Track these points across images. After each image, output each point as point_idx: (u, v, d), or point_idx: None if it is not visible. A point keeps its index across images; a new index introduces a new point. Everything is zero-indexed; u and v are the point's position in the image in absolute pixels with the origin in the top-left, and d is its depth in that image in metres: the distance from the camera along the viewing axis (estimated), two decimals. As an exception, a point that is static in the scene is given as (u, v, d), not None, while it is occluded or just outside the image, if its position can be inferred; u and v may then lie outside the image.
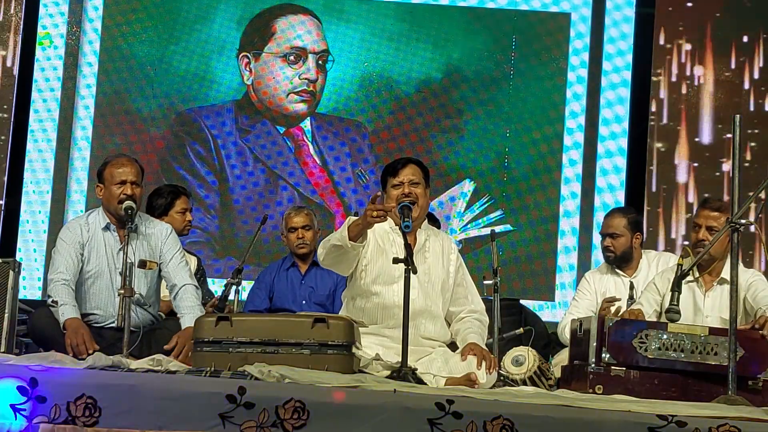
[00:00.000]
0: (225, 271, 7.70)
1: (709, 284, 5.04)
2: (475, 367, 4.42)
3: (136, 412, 3.35)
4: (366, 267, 4.71)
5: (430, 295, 4.71)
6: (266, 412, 3.34)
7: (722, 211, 4.98)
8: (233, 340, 4.01)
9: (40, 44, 8.06)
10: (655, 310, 5.04)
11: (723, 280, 5.01)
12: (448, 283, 4.82)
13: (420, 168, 4.77)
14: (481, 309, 4.87)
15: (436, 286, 4.74)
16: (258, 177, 8.07)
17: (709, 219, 5.00)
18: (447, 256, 4.85)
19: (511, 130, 8.15)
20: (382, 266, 4.69)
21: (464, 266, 4.95)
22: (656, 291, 5.09)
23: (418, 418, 3.35)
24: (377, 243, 4.73)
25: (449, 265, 4.84)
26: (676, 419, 3.37)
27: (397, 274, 4.59)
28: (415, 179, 4.69)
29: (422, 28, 8.23)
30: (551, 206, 8.05)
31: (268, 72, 8.20)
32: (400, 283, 4.50)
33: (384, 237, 4.75)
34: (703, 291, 5.03)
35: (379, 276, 4.69)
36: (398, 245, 4.65)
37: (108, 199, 5.01)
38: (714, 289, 5.03)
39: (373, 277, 4.70)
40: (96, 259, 4.98)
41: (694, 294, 5.01)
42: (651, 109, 8.04)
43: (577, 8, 8.20)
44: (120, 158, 5.12)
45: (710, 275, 5.04)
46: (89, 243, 4.99)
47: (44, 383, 3.35)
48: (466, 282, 4.90)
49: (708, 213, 5.02)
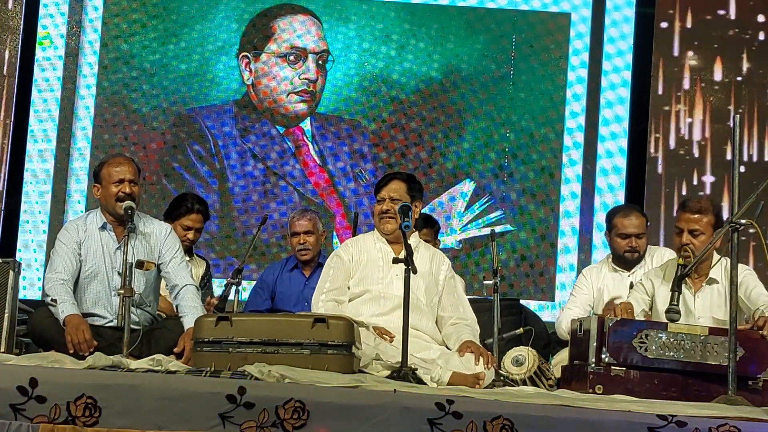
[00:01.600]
0: (225, 271, 7.69)
1: (698, 285, 4.98)
2: (473, 364, 4.45)
3: (136, 412, 3.35)
4: (352, 277, 4.92)
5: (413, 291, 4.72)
6: (266, 412, 3.34)
7: (703, 213, 4.91)
8: (233, 340, 4.02)
9: (40, 44, 8.06)
10: (643, 309, 5.01)
11: (712, 280, 4.97)
12: (435, 287, 4.93)
13: (406, 183, 4.93)
14: (473, 319, 4.94)
15: (420, 285, 4.82)
16: (258, 177, 8.07)
17: (690, 222, 4.92)
18: (437, 266, 5.00)
19: (511, 130, 8.15)
20: (365, 271, 4.89)
21: (456, 280, 5.10)
22: (644, 291, 5.07)
23: (418, 418, 3.35)
24: (361, 254, 4.93)
25: (438, 274, 4.98)
26: (676, 419, 3.38)
27: (382, 275, 4.85)
28: (396, 195, 4.87)
29: (422, 28, 8.22)
30: (551, 206, 8.05)
31: (268, 72, 8.19)
32: (384, 282, 4.82)
33: (370, 248, 4.95)
34: (693, 292, 4.98)
35: (364, 278, 4.89)
36: (385, 253, 4.89)
37: (106, 199, 5.00)
38: (703, 290, 4.98)
39: (358, 281, 4.90)
40: (93, 259, 4.97)
41: (684, 296, 4.96)
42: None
43: (577, 8, 8.20)
44: (117, 157, 5.10)
45: (698, 276, 4.99)
46: (86, 243, 4.99)
47: (44, 383, 3.35)
48: (457, 293, 5.02)
49: (689, 216, 4.94)
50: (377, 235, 4.98)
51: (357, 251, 4.95)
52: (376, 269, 4.87)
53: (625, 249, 5.63)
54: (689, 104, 8.06)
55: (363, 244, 4.98)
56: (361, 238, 5.07)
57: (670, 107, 8.05)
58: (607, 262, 5.81)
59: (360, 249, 4.96)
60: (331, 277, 4.92)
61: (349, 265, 4.91)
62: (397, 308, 4.61)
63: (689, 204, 5.02)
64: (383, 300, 4.80)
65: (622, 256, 5.65)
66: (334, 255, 5.03)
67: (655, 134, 8.01)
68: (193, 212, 5.94)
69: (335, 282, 4.90)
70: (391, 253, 4.85)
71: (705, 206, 4.94)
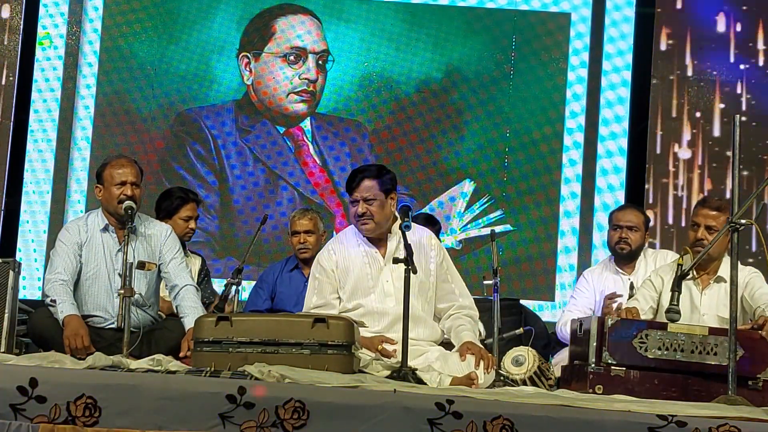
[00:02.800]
0: (225, 271, 7.69)
1: (706, 283, 5.03)
2: (474, 367, 4.43)
3: (136, 412, 3.35)
4: (341, 288, 4.78)
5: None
6: (266, 412, 3.34)
7: (721, 211, 4.98)
8: (233, 340, 4.02)
9: (40, 44, 8.06)
10: (651, 306, 5.03)
11: (720, 278, 5.00)
12: (428, 282, 4.78)
13: (377, 179, 4.70)
14: (470, 303, 4.86)
15: (413, 288, 4.70)
16: (258, 177, 8.07)
17: (708, 218, 5.00)
18: (426, 253, 4.81)
19: (511, 130, 8.15)
20: (354, 281, 4.74)
21: (449, 261, 4.92)
22: (653, 288, 5.09)
23: (418, 418, 3.35)
24: (345, 261, 4.77)
25: (429, 263, 4.80)
26: (676, 419, 3.38)
27: (371, 284, 4.73)
28: (369, 195, 4.67)
29: (422, 28, 8.22)
30: (551, 206, 8.05)
31: (268, 72, 8.19)
32: (376, 291, 4.71)
33: (354, 250, 4.78)
34: (700, 289, 5.03)
35: (354, 291, 4.75)
36: (370, 255, 4.74)
37: (107, 200, 5.01)
38: (711, 288, 5.03)
39: (350, 294, 4.76)
40: (94, 260, 4.98)
41: (691, 292, 5.01)
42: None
43: (577, 8, 8.20)
44: (119, 159, 5.12)
45: (707, 274, 5.04)
46: (87, 244, 5.00)
47: (44, 383, 3.35)
48: (451, 277, 4.87)
49: (707, 212, 5.01)
50: (359, 235, 4.80)
51: (342, 258, 4.77)
52: (364, 278, 4.72)
53: (615, 241, 5.69)
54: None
55: (346, 247, 4.80)
56: (343, 238, 4.85)
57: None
58: (608, 264, 5.82)
59: (344, 255, 4.78)
60: (317, 291, 4.78)
61: (333, 275, 4.76)
62: (394, 323, 4.55)
63: (709, 200, 5.13)
64: (377, 315, 4.69)
65: (614, 249, 5.70)
66: (317, 263, 4.85)
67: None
68: (189, 201, 5.96)
69: (321, 297, 4.75)
70: (376, 253, 4.73)
71: (724, 205, 5.00)
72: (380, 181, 4.70)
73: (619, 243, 5.69)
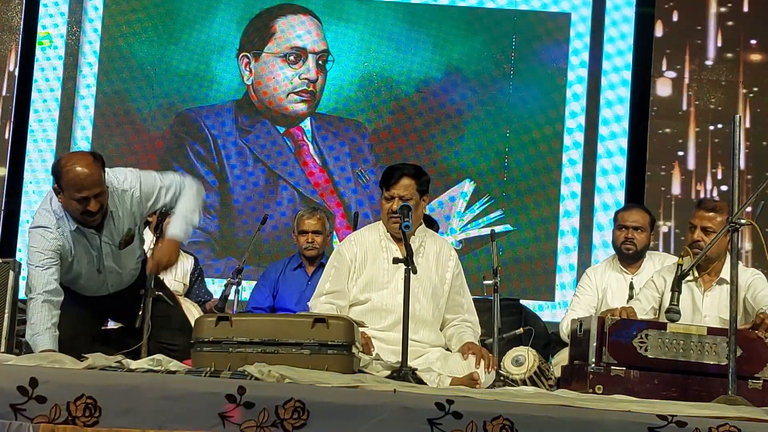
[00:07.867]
0: (225, 271, 7.70)
1: (708, 284, 5.03)
2: (474, 366, 4.44)
3: (136, 412, 3.34)
4: (356, 279, 4.80)
5: (420, 301, 4.73)
6: (266, 412, 3.34)
7: (717, 212, 4.98)
8: (233, 340, 4.01)
9: (40, 44, 8.06)
10: (653, 307, 5.04)
11: (722, 280, 5.00)
12: (441, 288, 4.84)
13: (415, 179, 4.73)
14: (475, 320, 4.91)
15: (427, 291, 4.76)
16: (258, 177, 8.07)
17: (704, 219, 4.99)
18: (444, 262, 4.88)
19: (511, 130, 8.15)
20: (370, 274, 4.77)
21: (463, 276, 4.99)
22: (655, 288, 5.09)
23: (418, 418, 3.34)
24: (365, 253, 4.80)
25: (445, 272, 4.87)
26: (676, 419, 3.37)
27: (386, 279, 4.75)
28: (407, 195, 4.69)
29: (422, 28, 8.23)
30: (551, 206, 8.05)
31: (268, 72, 8.20)
32: (389, 287, 4.73)
33: (376, 246, 4.82)
34: (702, 291, 5.03)
35: (368, 284, 4.78)
36: (391, 251, 4.75)
37: (71, 211, 4.44)
38: (713, 289, 5.02)
39: (363, 286, 4.79)
40: (77, 263, 4.64)
41: (693, 294, 5.01)
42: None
43: (577, 8, 8.20)
44: (74, 167, 4.30)
45: (709, 275, 5.04)
46: (65, 250, 4.54)
47: (44, 383, 3.35)
48: (463, 291, 4.94)
49: (703, 213, 5.01)
50: (383, 231, 4.83)
51: (361, 249, 4.81)
52: (381, 272, 4.75)
53: (621, 241, 5.70)
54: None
55: (368, 241, 4.83)
56: (366, 233, 4.89)
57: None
58: (612, 262, 5.82)
59: (365, 247, 4.81)
60: (332, 278, 4.80)
61: (351, 265, 4.78)
62: (398, 323, 4.48)
63: (705, 202, 5.15)
64: (385, 312, 4.71)
65: (619, 249, 5.71)
66: (337, 252, 4.89)
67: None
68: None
69: (335, 284, 4.79)
70: (398, 251, 4.74)
71: (721, 206, 5.00)
72: (418, 181, 4.75)
73: (624, 243, 5.70)
